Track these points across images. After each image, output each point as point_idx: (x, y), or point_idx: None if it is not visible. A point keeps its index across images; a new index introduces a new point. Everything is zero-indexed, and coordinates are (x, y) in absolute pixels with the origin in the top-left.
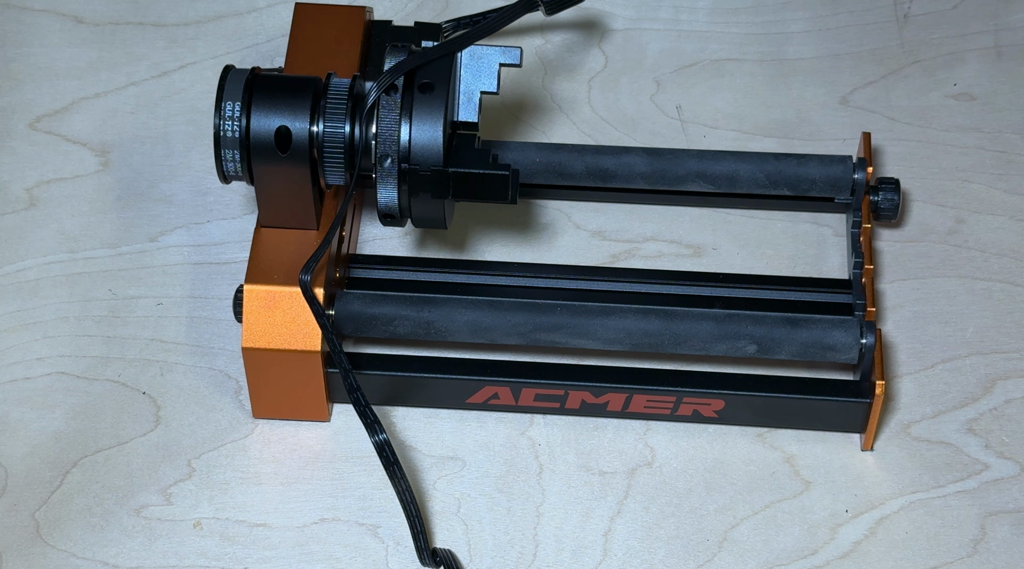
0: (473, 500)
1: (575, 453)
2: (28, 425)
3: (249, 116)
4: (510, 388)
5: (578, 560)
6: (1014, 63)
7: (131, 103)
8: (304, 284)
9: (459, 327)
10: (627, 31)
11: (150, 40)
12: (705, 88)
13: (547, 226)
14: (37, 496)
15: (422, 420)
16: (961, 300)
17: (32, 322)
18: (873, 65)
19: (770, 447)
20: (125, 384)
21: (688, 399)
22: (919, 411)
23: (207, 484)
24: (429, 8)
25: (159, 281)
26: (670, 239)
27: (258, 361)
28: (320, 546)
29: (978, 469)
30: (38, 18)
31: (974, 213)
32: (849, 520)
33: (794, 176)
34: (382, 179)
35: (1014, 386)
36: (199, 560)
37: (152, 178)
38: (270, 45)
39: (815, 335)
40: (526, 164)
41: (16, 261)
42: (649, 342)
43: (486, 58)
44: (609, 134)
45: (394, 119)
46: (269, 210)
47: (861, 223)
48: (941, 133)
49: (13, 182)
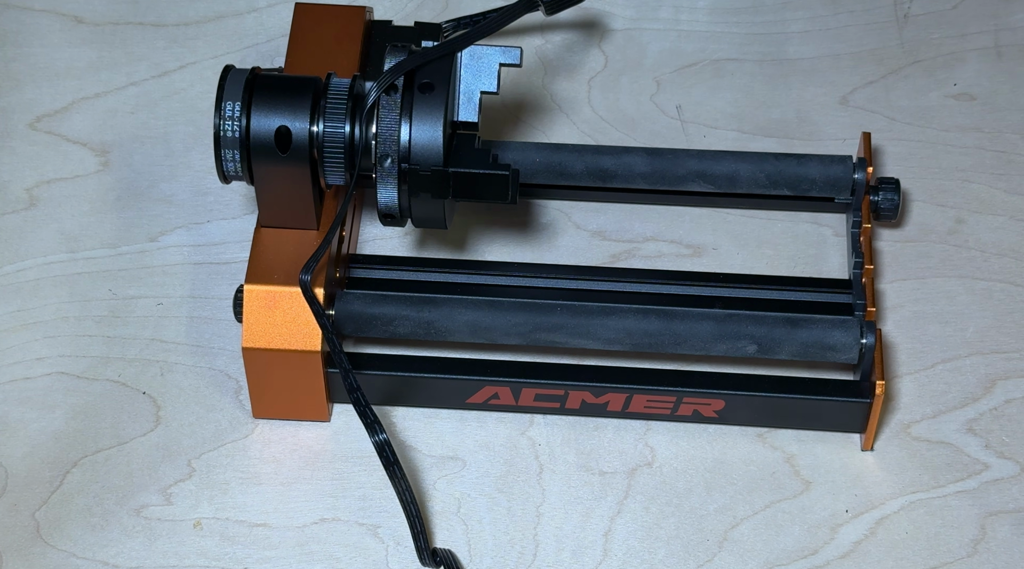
0: (473, 500)
1: (575, 453)
2: (28, 425)
3: (249, 116)
4: (510, 388)
5: (578, 560)
6: (1014, 63)
7: (131, 103)
8: (304, 284)
9: (459, 327)
10: (627, 31)
11: (150, 40)
12: (705, 88)
13: (547, 226)
14: (37, 496)
15: (422, 420)
16: (961, 300)
17: (32, 322)
18: (873, 65)
19: (770, 447)
20: (125, 384)
21: (688, 399)
22: (919, 411)
23: (207, 484)
24: (429, 8)
25: (159, 281)
26: (670, 239)
27: (258, 361)
28: (320, 546)
29: (978, 469)
30: (38, 18)
31: (974, 213)
32: (849, 520)
33: (794, 176)
34: (382, 179)
35: (1014, 386)
36: (199, 560)
37: (152, 178)
38: (270, 45)
39: (815, 335)
40: (526, 164)
41: (16, 261)
42: (649, 342)
43: (486, 58)
44: (609, 134)
45: (394, 119)
46: (269, 210)
47: (861, 223)
48: (941, 133)
49: (13, 182)
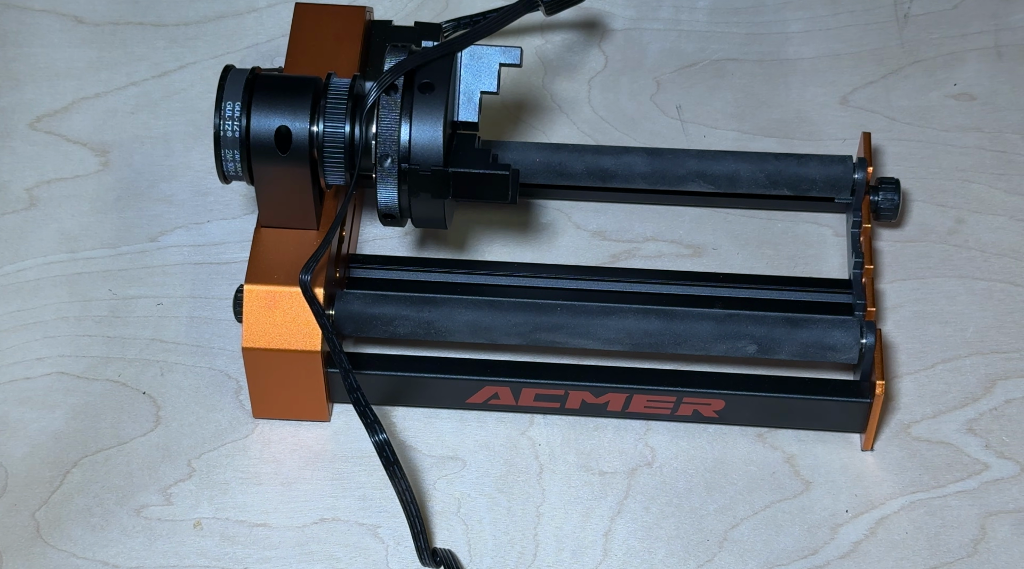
0: (473, 500)
1: (575, 453)
2: (28, 425)
3: (249, 116)
4: (510, 388)
5: (578, 560)
6: (1014, 63)
7: (131, 103)
8: (304, 284)
9: (459, 327)
10: (627, 31)
11: (150, 40)
12: (705, 88)
13: (547, 226)
14: (37, 496)
15: (422, 420)
16: (961, 300)
17: (32, 322)
18: (873, 65)
19: (770, 447)
20: (125, 384)
21: (688, 399)
22: (919, 411)
23: (207, 484)
24: (429, 8)
25: (159, 281)
26: (670, 239)
27: (258, 361)
28: (320, 546)
29: (978, 469)
30: (38, 18)
31: (974, 213)
32: (849, 520)
33: (794, 176)
34: (382, 179)
35: (1014, 386)
36: (199, 560)
37: (152, 178)
38: (270, 45)
39: (815, 335)
40: (526, 164)
41: (16, 261)
42: (649, 342)
43: (486, 58)
44: (609, 134)
45: (394, 119)
46: (269, 210)
47: (861, 223)
48: (941, 133)
49: (13, 182)
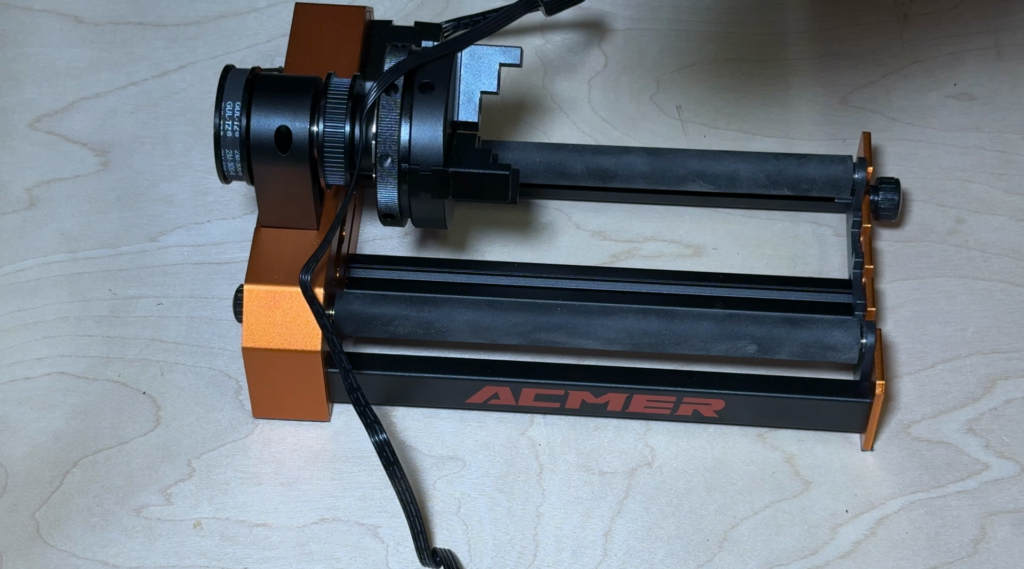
0: (473, 500)
1: (575, 453)
2: (28, 425)
3: (249, 116)
4: (510, 388)
5: (578, 560)
6: (1014, 63)
7: (131, 103)
8: (304, 284)
9: (459, 327)
10: (627, 31)
11: (150, 40)
12: (705, 88)
13: (547, 226)
14: (37, 496)
15: (422, 420)
16: (961, 300)
17: (32, 322)
18: (873, 65)
19: (770, 447)
20: (125, 384)
21: (688, 399)
22: (919, 411)
23: (207, 484)
24: (429, 8)
25: (159, 281)
26: (670, 239)
27: (258, 361)
28: (320, 546)
29: (978, 469)
30: (38, 18)
31: (974, 213)
32: (849, 520)
33: (794, 176)
34: (382, 179)
35: (1014, 386)
36: (199, 560)
37: (152, 178)
38: (270, 45)
39: (815, 335)
40: (526, 164)
41: (16, 261)
42: (649, 342)
43: (486, 58)
44: (609, 134)
45: (394, 119)
46: (269, 210)
47: (861, 223)
48: (941, 133)
49: (13, 182)
